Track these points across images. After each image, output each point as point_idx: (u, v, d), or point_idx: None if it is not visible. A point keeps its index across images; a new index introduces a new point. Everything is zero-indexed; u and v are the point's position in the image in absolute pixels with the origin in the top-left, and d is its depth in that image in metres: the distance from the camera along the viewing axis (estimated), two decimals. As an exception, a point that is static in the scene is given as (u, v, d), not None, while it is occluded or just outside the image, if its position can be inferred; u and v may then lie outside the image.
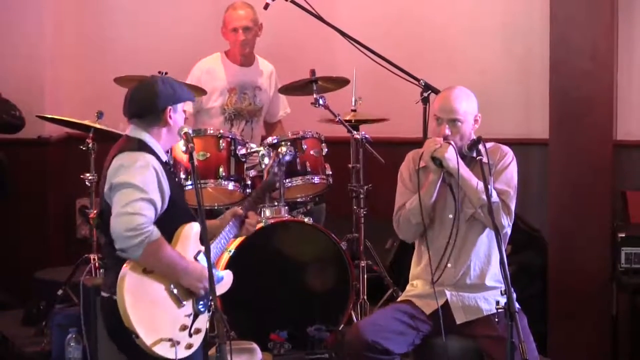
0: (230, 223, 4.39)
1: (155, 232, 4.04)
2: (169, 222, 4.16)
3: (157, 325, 4.05)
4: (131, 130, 4.25)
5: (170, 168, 4.33)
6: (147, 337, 4.01)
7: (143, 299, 4.06)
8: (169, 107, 4.20)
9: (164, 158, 4.24)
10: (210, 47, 6.20)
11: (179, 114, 4.25)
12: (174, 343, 4.05)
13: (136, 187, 4.04)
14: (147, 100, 4.20)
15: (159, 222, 4.10)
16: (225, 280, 4.35)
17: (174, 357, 4.03)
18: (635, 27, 6.33)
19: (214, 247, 4.31)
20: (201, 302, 4.17)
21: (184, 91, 4.29)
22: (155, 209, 4.08)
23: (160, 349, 4.03)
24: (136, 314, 4.02)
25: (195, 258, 4.19)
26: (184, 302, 4.14)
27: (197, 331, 4.16)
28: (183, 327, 4.10)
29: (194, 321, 4.15)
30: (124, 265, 4.07)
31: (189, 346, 4.13)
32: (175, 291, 4.12)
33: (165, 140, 4.25)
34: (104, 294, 4.17)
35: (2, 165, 6.58)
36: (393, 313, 4.50)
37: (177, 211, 4.21)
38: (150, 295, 4.08)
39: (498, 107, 6.48)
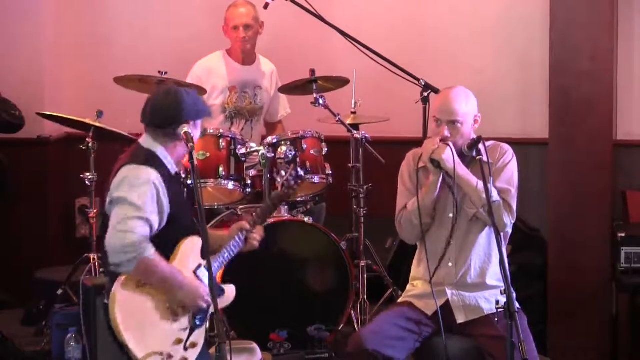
0: (236, 237, 4.39)
1: (149, 249, 4.04)
2: (170, 236, 4.16)
3: (148, 339, 4.06)
4: (144, 140, 4.24)
5: (181, 179, 4.31)
6: (137, 350, 4.03)
7: (134, 314, 4.07)
8: (192, 122, 4.18)
9: (174, 170, 4.23)
10: (210, 46, 6.20)
11: (197, 130, 4.23)
12: (165, 357, 4.04)
13: (133, 205, 4.04)
14: (172, 114, 4.17)
15: (160, 236, 4.11)
16: (227, 294, 4.34)
17: None
18: (635, 27, 6.33)
19: (216, 261, 4.30)
20: (198, 317, 4.17)
21: (205, 107, 4.29)
22: (151, 227, 4.09)
23: None
24: (127, 329, 4.03)
25: (195, 272, 4.18)
26: (180, 316, 4.14)
27: (193, 345, 4.15)
28: (178, 341, 4.10)
29: (189, 335, 4.14)
30: (117, 279, 4.07)
31: None
32: (169, 306, 4.12)
33: (179, 154, 4.25)
34: (105, 301, 4.18)
35: (2, 165, 6.58)
36: (393, 319, 4.49)
37: (179, 226, 4.21)
38: (142, 309, 4.09)
39: (498, 106, 6.49)
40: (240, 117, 6.08)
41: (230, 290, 4.36)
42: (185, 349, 4.12)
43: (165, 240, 4.12)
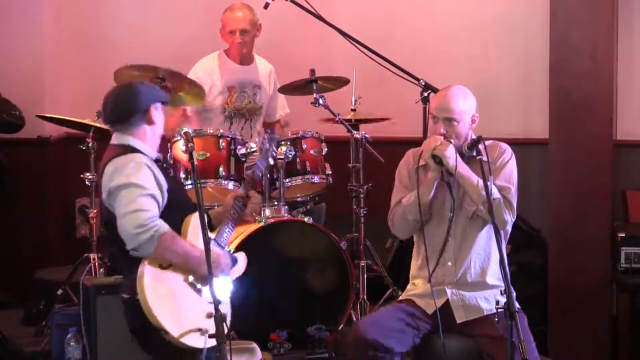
0: (234, 206, 4.45)
1: (164, 225, 4.09)
2: (174, 214, 4.22)
3: (182, 317, 4.10)
4: (115, 138, 4.32)
5: (163, 164, 4.37)
6: (174, 330, 4.05)
7: (165, 294, 4.10)
8: (152, 105, 4.28)
9: (154, 156, 4.30)
10: (209, 45, 6.19)
11: (159, 113, 4.32)
12: (203, 332, 4.05)
13: (135, 185, 4.10)
14: (132, 102, 4.26)
15: (164, 216, 4.14)
16: (239, 263, 4.40)
17: (203, 345, 4.05)
18: (635, 27, 6.33)
19: (224, 231, 4.37)
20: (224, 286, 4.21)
21: (161, 91, 4.40)
22: (158, 203, 4.14)
23: (189, 340, 4.07)
24: (160, 310, 4.06)
25: None
26: (204, 290, 4.17)
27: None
28: (209, 315, 4.10)
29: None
30: (141, 264, 4.10)
31: None
32: (194, 281, 4.17)
33: (151, 140, 4.32)
34: (124, 295, 4.20)
35: (2, 165, 6.58)
36: (393, 312, 4.50)
37: (179, 203, 4.28)
38: (171, 288, 4.13)
39: (498, 106, 6.49)
40: (239, 116, 6.08)
41: (242, 259, 4.43)
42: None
43: (171, 219, 4.16)
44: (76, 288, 5.36)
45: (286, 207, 5.51)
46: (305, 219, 5.45)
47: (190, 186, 5.36)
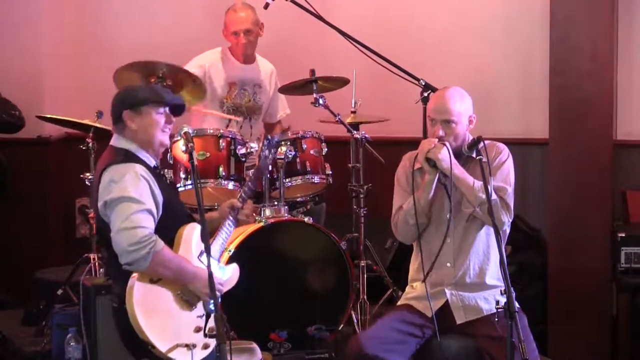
0: (229, 217, 4.44)
1: (159, 242, 4.06)
2: (168, 226, 4.19)
3: (170, 332, 4.09)
4: (115, 141, 4.28)
5: (160, 171, 4.35)
6: (162, 345, 4.06)
7: (154, 308, 4.10)
8: (143, 109, 4.26)
9: (152, 163, 4.26)
10: (209, 46, 6.19)
11: (145, 116, 4.28)
12: (190, 346, 4.06)
13: (132, 200, 4.06)
14: (118, 102, 4.28)
15: (158, 228, 4.12)
16: (232, 276, 4.38)
17: None
18: (635, 27, 6.33)
19: (217, 242, 4.35)
20: (212, 301, 4.19)
21: (151, 94, 4.28)
22: (154, 218, 4.11)
23: (177, 355, 4.07)
24: (149, 325, 4.06)
25: (199, 258, 4.20)
26: (194, 305, 4.17)
27: (212, 330, 4.17)
28: (197, 329, 4.12)
29: (207, 321, 4.16)
30: (132, 276, 4.09)
31: (206, 346, 4.15)
32: (184, 296, 4.16)
33: (149, 137, 4.27)
34: (113, 304, 4.21)
35: (2, 165, 6.58)
36: (393, 323, 4.48)
37: (174, 214, 4.24)
38: (160, 303, 4.12)
39: (498, 106, 6.49)
40: (238, 114, 6.07)
41: (234, 271, 4.41)
42: (206, 335, 4.12)
43: (165, 229, 4.15)
44: (76, 288, 5.36)
45: (286, 207, 5.50)
46: (305, 219, 5.45)
47: (190, 186, 5.37)
